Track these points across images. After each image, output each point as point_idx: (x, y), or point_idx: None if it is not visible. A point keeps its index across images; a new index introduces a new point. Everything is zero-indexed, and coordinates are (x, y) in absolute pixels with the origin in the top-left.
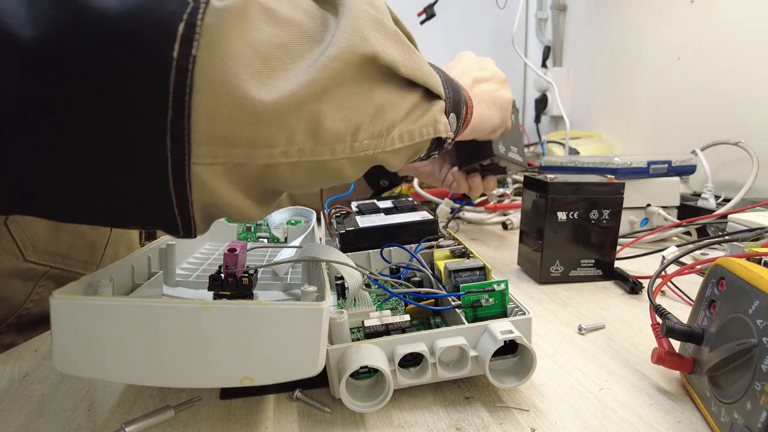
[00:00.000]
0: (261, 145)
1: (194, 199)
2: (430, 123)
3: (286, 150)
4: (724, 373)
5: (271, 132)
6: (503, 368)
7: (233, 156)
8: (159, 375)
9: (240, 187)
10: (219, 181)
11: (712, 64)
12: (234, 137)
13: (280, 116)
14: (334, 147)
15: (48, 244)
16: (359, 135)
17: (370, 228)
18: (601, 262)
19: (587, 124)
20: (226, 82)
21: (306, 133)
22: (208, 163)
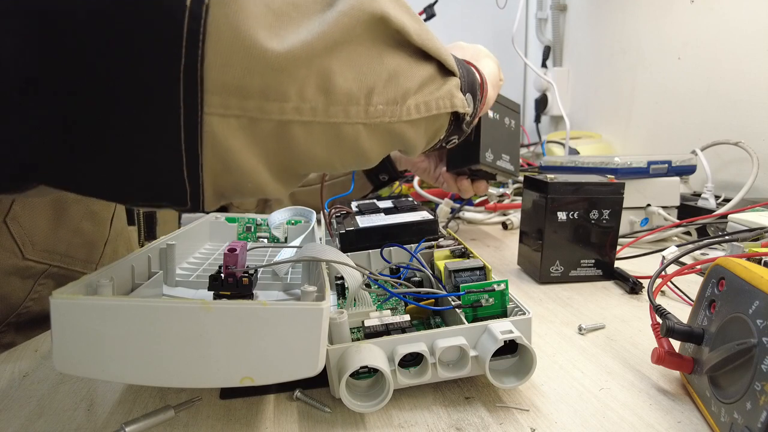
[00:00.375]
0: (273, 96)
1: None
2: (447, 96)
3: (298, 106)
4: (724, 373)
5: (282, 83)
6: (503, 368)
7: (246, 108)
8: (159, 375)
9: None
10: (233, 137)
11: (712, 64)
12: (246, 87)
13: (291, 67)
14: (348, 109)
15: (47, 242)
16: (373, 98)
17: (370, 228)
18: (601, 262)
19: (587, 124)
20: (239, 30)
21: (317, 89)
22: (221, 114)
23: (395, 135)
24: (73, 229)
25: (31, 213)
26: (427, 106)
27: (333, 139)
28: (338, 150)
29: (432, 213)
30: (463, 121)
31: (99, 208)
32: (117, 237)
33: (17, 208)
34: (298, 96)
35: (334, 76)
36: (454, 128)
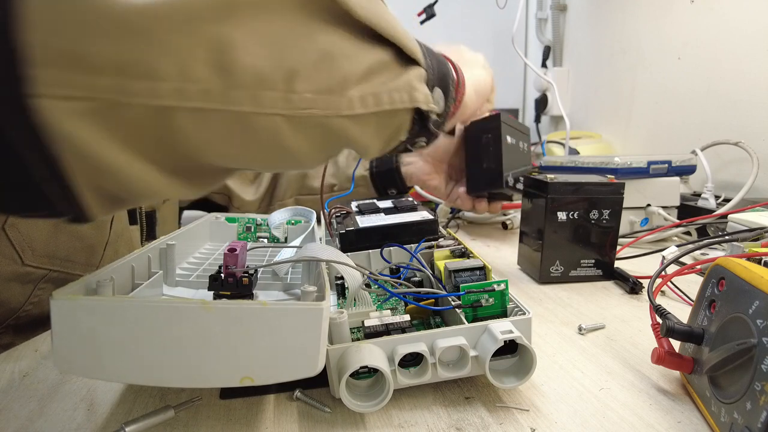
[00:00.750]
0: (137, 72)
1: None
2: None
3: (180, 87)
4: (724, 373)
5: (148, 53)
6: (503, 368)
7: (99, 87)
8: (159, 375)
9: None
10: (87, 127)
11: (712, 64)
12: (93, 55)
13: (159, 29)
14: (259, 95)
15: (47, 247)
16: (297, 84)
17: (370, 228)
18: (601, 262)
19: (587, 124)
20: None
21: (209, 66)
22: (60, 96)
23: (333, 132)
24: (73, 234)
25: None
26: (377, 98)
27: (241, 134)
28: (251, 147)
29: (432, 213)
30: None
31: None
32: (118, 238)
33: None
34: (180, 74)
35: (234, 50)
36: (419, 129)
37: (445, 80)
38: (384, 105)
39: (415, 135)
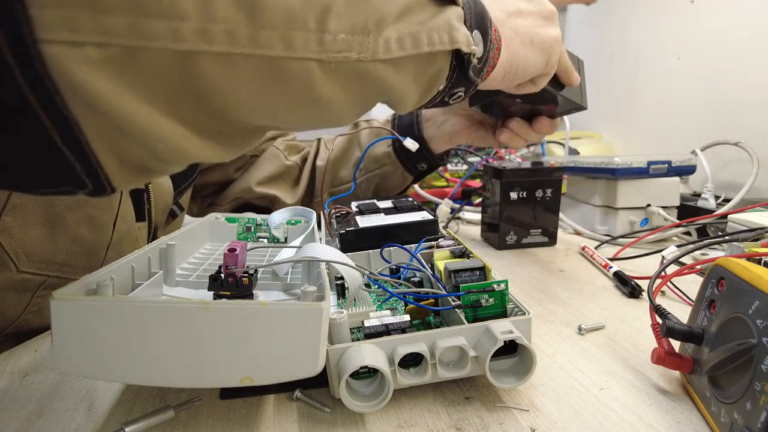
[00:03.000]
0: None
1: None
2: (444, 28)
3: (203, 28)
4: (724, 373)
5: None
6: (503, 368)
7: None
8: (159, 375)
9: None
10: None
11: (712, 64)
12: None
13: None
14: (290, 36)
15: (43, 252)
16: (329, 23)
17: (370, 228)
18: (546, 230)
19: (587, 124)
20: None
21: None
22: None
23: (370, 79)
24: (71, 237)
25: (23, 224)
26: (415, 39)
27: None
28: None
29: (432, 213)
30: (470, 66)
31: (98, 213)
32: (122, 240)
33: (8, 219)
34: (202, 12)
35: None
36: (457, 76)
37: (483, 21)
38: (423, 47)
39: (453, 84)
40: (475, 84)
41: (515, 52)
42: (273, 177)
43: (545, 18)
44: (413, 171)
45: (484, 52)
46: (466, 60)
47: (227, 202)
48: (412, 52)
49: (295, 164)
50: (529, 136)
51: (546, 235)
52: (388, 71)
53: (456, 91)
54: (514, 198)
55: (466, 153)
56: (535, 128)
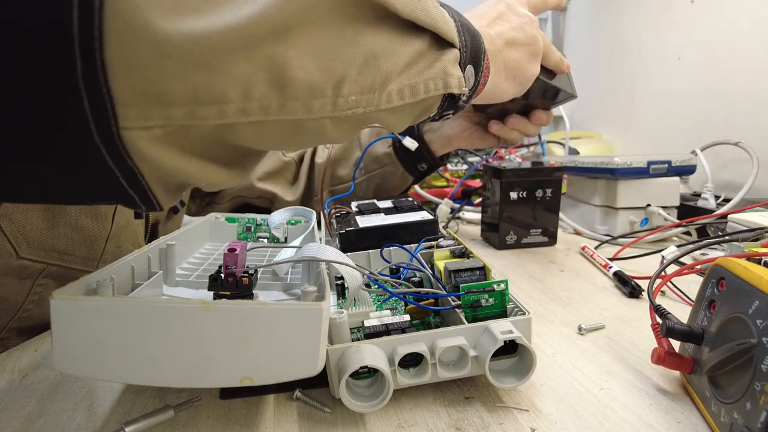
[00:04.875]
0: (206, 99)
1: (142, 170)
2: (439, 76)
3: (244, 107)
4: (723, 373)
5: (216, 82)
6: (503, 368)
7: (173, 116)
8: (159, 375)
9: (194, 152)
10: (162, 149)
11: (712, 64)
12: (168, 92)
13: (223, 60)
14: (310, 103)
15: (43, 239)
16: (343, 89)
17: (370, 228)
18: (546, 230)
19: (587, 124)
20: (146, 21)
21: (268, 84)
22: (142, 127)
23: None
24: (71, 226)
25: (24, 210)
26: (413, 90)
27: (291, 134)
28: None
29: (432, 213)
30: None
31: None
32: (120, 232)
33: (8, 205)
34: (243, 95)
35: (290, 68)
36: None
37: (477, 57)
38: (420, 95)
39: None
40: (462, 108)
41: (497, 83)
42: (272, 173)
43: (532, 54)
44: (414, 171)
45: (474, 84)
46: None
47: (226, 201)
48: (410, 101)
49: (292, 160)
50: (528, 129)
51: (546, 235)
52: (387, 115)
53: (445, 114)
54: (514, 198)
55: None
56: (533, 121)
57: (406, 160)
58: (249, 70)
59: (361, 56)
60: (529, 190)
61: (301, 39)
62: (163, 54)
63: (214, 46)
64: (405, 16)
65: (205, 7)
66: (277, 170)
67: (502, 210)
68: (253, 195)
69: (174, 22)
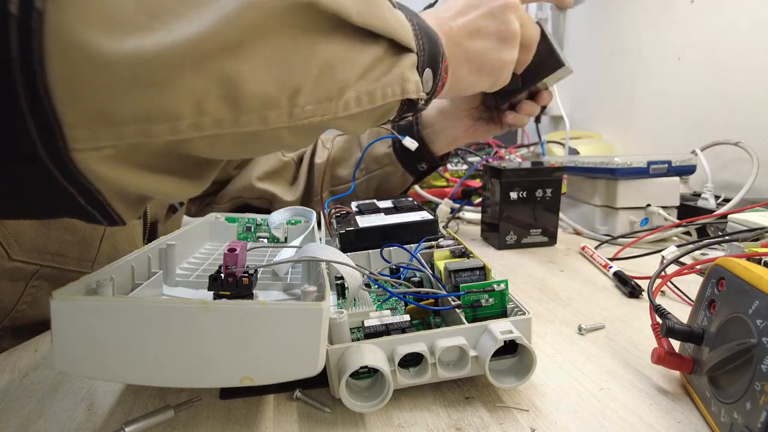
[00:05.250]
0: (156, 117)
1: (99, 188)
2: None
3: (196, 122)
4: (723, 373)
5: (165, 99)
6: (503, 368)
7: (124, 135)
8: (159, 375)
9: (149, 168)
10: (115, 167)
11: (712, 64)
12: (116, 112)
13: (172, 77)
14: (266, 115)
15: (36, 241)
16: (299, 99)
17: (370, 228)
18: (546, 230)
19: (587, 124)
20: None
21: (221, 100)
22: (92, 148)
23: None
24: (64, 227)
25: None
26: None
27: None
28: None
29: (432, 213)
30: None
31: None
32: (115, 232)
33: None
34: (195, 111)
35: (243, 82)
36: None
37: (435, 60)
38: (377, 102)
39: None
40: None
41: (460, 77)
42: (271, 172)
43: (503, 40)
44: (414, 172)
45: (433, 86)
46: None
47: (225, 201)
48: (368, 107)
49: (291, 160)
50: (533, 110)
51: (546, 235)
52: (345, 122)
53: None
54: (514, 198)
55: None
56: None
57: (407, 161)
58: (200, 86)
59: (316, 66)
60: (529, 190)
61: (254, 53)
62: (108, 74)
63: (162, 64)
64: (360, 25)
65: (152, 24)
66: (276, 170)
67: (502, 210)
68: (252, 195)
69: (118, 42)
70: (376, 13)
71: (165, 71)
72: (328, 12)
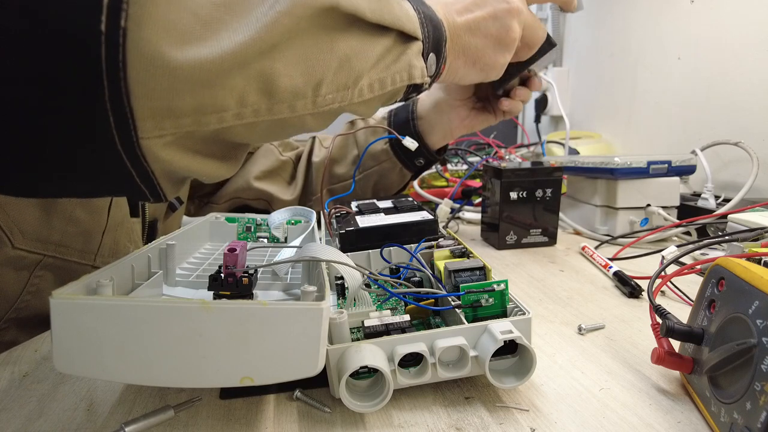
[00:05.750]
0: (209, 110)
1: (153, 169)
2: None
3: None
4: (723, 373)
5: (216, 96)
6: (503, 368)
7: (182, 125)
8: (159, 375)
9: (196, 151)
10: (171, 151)
11: (712, 64)
12: (179, 107)
13: (222, 78)
14: (294, 104)
15: (39, 230)
16: (321, 89)
17: (370, 228)
18: (546, 230)
19: (587, 124)
20: (160, 53)
21: (259, 93)
22: (156, 136)
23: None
24: (66, 218)
25: (18, 201)
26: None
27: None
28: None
29: (432, 213)
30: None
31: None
32: (117, 227)
33: (2, 196)
34: (238, 103)
35: (277, 77)
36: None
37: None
38: (387, 87)
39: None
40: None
41: (455, 68)
42: (269, 172)
43: (500, 43)
44: (412, 167)
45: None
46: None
47: (224, 201)
48: (378, 93)
49: (289, 159)
50: (527, 96)
51: (546, 235)
52: (359, 106)
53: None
54: (514, 198)
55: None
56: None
57: (404, 156)
58: (243, 84)
59: (336, 60)
60: (529, 190)
61: (286, 52)
62: (174, 78)
63: (215, 68)
64: (373, 21)
65: (206, 34)
66: (274, 169)
67: (502, 210)
68: (250, 196)
69: (182, 51)
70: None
71: (217, 74)
72: (347, 12)
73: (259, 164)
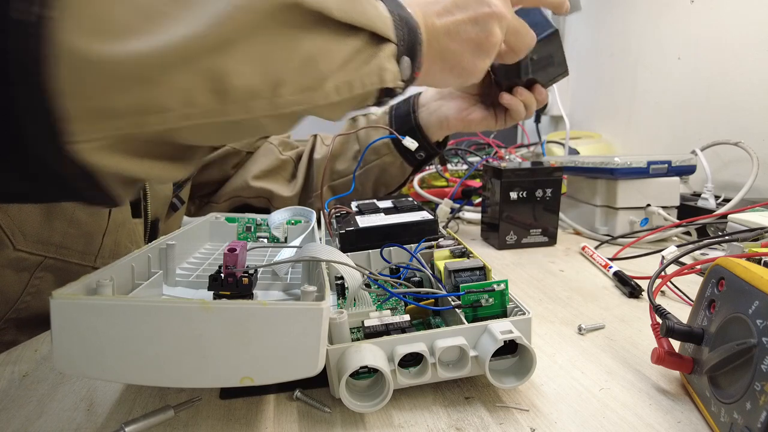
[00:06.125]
0: (149, 110)
1: (95, 174)
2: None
3: (186, 113)
4: (723, 373)
5: (158, 95)
6: (503, 368)
7: (119, 127)
8: (159, 375)
9: (142, 154)
10: (108, 155)
11: (712, 65)
12: (114, 107)
13: (164, 75)
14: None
15: (40, 232)
16: (281, 90)
17: (370, 228)
18: (546, 230)
19: (587, 124)
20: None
21: (209, 93)
22: (87, 140)
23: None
24: (67, 219)
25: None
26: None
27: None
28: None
29: (432, 213)
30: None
31: None
32: (118, 228)
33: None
34: (185, 103)
35: (230, 77)
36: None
37: (413, 49)
38: (356, 90)
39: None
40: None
41: (431, 72)
42: (269, 171)
43: (479, 47)
44: (412, 161)
45: (411, 74)
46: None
47: (224, 200)
48: (347, 96)
49: (290, 158)
50: (531, 103)
51: (546, 235)
52: (324, 110)
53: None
54: (514, 198)
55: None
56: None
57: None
58: (189, 82)
59: (298, 59)
60: (529, 190)
61: (240, 49)
62: (108, 74)
63: (154, 63)
64: (341, 19)
65: (146, 27)
66: (275, 169)
67: (502, 210)
68: (250, 195)
69: (112, 45)
70: (357, 7)
71: (156, 70)
72: (312, 9)
73: (259, 163)
